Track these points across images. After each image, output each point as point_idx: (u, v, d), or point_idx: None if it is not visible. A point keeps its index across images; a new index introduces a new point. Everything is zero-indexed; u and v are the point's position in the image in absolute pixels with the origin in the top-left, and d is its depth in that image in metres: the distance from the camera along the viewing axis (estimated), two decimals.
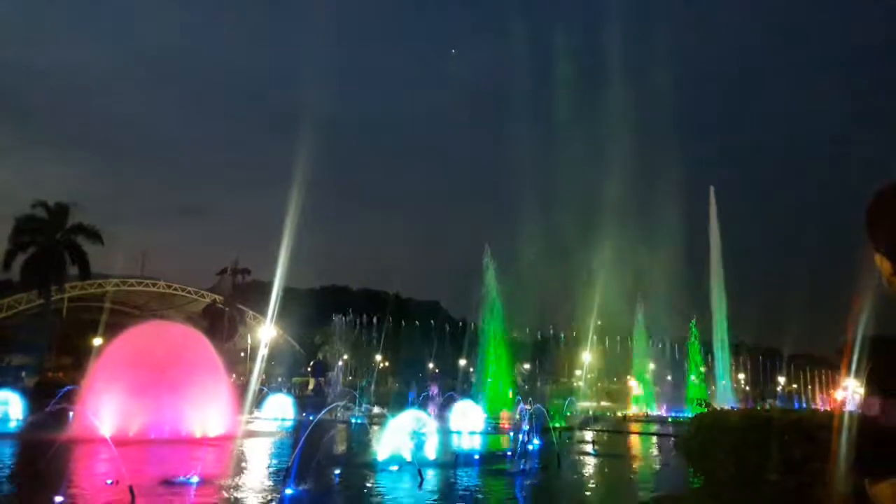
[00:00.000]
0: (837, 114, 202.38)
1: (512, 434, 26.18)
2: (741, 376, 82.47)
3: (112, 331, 30.05)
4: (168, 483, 13.21)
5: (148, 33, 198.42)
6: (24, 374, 47.53)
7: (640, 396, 61.64)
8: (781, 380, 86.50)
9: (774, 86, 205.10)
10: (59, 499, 10.23)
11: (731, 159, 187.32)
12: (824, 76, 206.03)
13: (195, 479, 13.47)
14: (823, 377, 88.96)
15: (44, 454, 14.68)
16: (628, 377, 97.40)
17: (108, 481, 12.77)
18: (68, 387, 28.83)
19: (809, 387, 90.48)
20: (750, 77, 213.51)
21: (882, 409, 1.58)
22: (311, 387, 70.12)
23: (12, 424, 26.15)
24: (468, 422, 28.82)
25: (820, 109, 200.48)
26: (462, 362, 74.50)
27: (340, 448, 23.96)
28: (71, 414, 23.71)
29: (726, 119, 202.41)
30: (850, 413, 6.64)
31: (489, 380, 48.17)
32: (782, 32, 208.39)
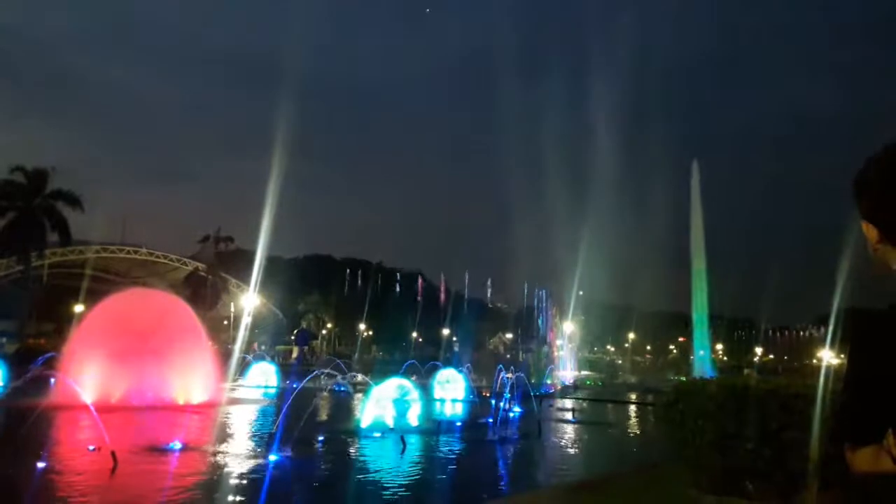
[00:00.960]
0: (819, 90, 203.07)
1: (493, 402, 26.49)
2: (719, 347, 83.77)
3: (93, 297, 29.85)
4: (151, 449, 13.25)
5: None
6: (4, 340, 47.26)
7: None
8: (759, 350, 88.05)
9: (759, 63, 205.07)
10: (41, 465, 10.23)
11: (714, 136, 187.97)
12: (806, 51, 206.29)
13: (178, 446, 13.53)
14: (800, 348, 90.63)
15: (25, 421, 14.63)
16: (608, 347, 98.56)
17: (91, 447, 12.76)
18: (49, 353, 28.63)
19: (786, 357, 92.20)
20: (734, 55, 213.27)
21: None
22: (294, 355, 70.35)
23: None
24: (451, 389, 29.10)
25: (801, 86, 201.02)
26: (445, 331, 75.00)
27: (324, 415, 24.13)
28: (52, 380, 23.61)
29: (710, 98, 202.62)
30: (826, 382, 6.77)
31: None
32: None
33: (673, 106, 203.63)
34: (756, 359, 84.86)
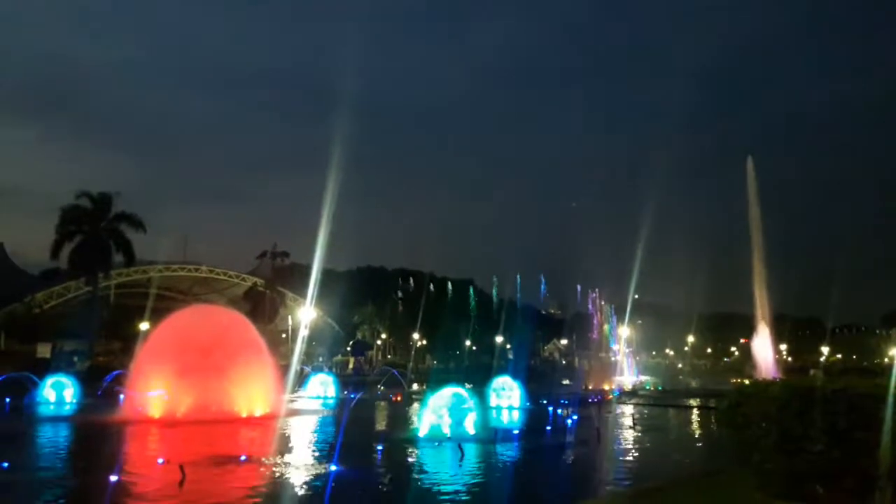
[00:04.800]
0: (881, 80, 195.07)
1: (551, 409, 26.26)
2: (783, 347, 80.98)
3: (158, 315, 30.83)
4: (217, 462, 13.60)
5: (185, 20, 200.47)
6: (75, 359, 49.02)
7: None
8: (825, 350, 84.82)
9: (820, 53, 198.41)
10: (113, 478, 10.62)
11: (773, 128, 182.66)
12: (873, 39, 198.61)
13: (243, 458, 13.86)
14: (869, 347, 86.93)
15: (97, 436, 15.21)
16: (667, 350, 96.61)
17: (160, 461, 13.21)
18: (118, 371, 29.73)
19: (854, 357, 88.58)
20: (795, 43, 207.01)
21: None
22: (351, 366, 71.13)
23: (67, 408, 27.11)
24: (507, 397, 28.95)
25: (864, 75, 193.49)
26: (498, 339, 74.64)
27: (382, 425, 24.34)
28: (121, 397, 24.50)
29: (769, 88, 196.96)
30: None
31: None
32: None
33: (728, 100, 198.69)
34: (822, 359, 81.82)
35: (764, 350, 57.72)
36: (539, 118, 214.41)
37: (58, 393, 28.62)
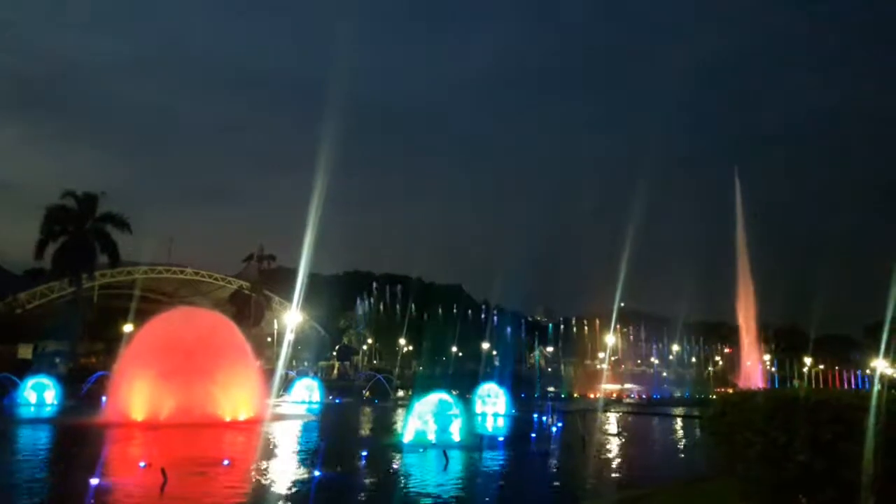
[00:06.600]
0: (866, 91, 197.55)
1: (536, 416, 26.29)
2: (767, 357, 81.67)
3: (142, 317, 30.58)
4: (200, 466, 13.47)
5: (171, 19, 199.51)
6: (57, 360, 48.51)
7: None
8: (808, 360, 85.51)
9: (805, 63, 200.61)
10: (94, 481, 10.48)
11: (757, 138, 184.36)
12: (849, 49, 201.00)
13: (226, 462, 13.73)
14: (851, 357, 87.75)
15: (78, 438, 15.02)
16: (652, 359, 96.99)
17: (141, 464, 13.07)
18: (100, 372, 29.48)
19: (837, 367, 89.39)
20: (779, 55, 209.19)
21: None
22: (336, 370, 70.86)
23: (48, 410, 26.79)
24: (492, 404, 28.94)
25: (849, 87, 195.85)
26: (485, 345, 74.64)
27: (367, 430, 24.24)
28: (103, 399, 24.26)
29: (752, 97, 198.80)
30: (881, 393, 6.57)
31: None
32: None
33: (716, 108, 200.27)
34: (805, 369, 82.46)
35: (748, 360, 58.04)
36: (535, 121, 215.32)
37: (38, 394, 28.30)
